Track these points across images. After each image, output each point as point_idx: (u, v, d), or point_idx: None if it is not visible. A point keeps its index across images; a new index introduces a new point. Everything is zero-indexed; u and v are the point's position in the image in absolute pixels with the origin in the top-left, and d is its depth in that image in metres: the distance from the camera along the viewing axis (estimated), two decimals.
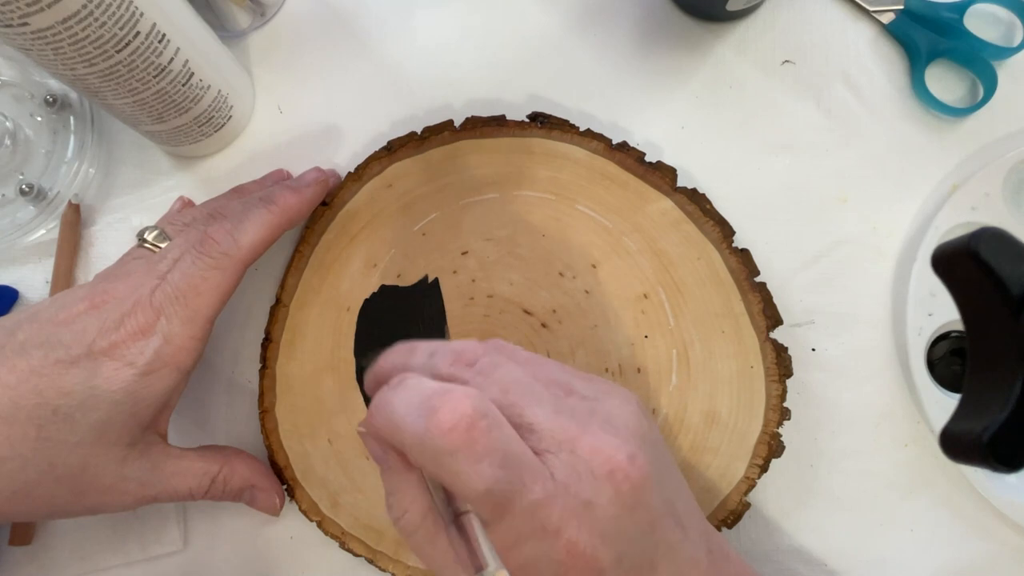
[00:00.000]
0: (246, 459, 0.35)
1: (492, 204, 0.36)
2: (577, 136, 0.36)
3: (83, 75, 0.31)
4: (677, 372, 0.35)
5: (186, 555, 0.37)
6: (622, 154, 0.35)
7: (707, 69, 0.39)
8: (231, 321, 0.38)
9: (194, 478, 0.32)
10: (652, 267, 0.35)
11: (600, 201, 0.36)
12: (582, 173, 0.36)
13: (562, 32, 0.40)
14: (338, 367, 0.36)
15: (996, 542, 0.35)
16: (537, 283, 0.36)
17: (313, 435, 0.36)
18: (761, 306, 0.34)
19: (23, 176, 0.40)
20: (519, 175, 0.36)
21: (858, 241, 0.37)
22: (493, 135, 0.36)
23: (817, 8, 0.39)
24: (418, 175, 0.37)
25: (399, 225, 0.37)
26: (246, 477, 0.34)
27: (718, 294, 0.35)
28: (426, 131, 0.36)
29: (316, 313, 0.36)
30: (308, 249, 0.37)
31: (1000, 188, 0.35)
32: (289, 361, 0.36)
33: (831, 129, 0.38)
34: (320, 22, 0.41)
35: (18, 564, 0.37)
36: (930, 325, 0.35)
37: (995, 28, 0.38)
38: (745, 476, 0.34)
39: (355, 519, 0.35)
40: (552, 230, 0.36)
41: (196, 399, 0.38)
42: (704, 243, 0.35)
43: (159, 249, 0.33)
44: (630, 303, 0.35)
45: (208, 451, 0.34)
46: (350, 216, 0.37)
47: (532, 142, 0.36)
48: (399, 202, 0.37)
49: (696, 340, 0.35)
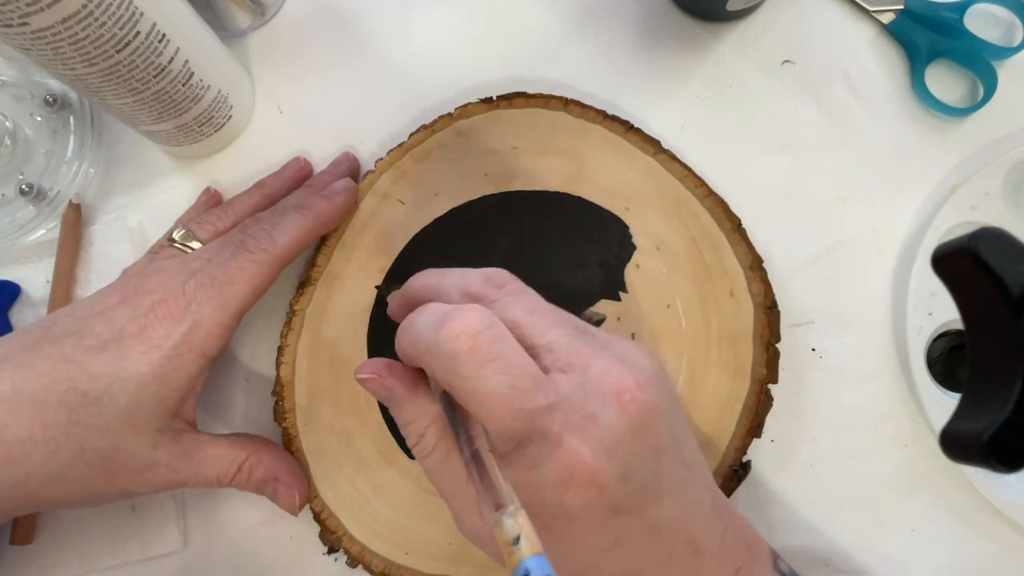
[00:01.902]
0: (273, 450, 0.35)
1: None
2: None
3: (83, 75, 0.31)
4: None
5: (186, 555, 0.37)
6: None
7: (707, 69, 0.39)
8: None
9: (222, 464, 0.33)
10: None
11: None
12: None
13: (562, 32, 0.40)
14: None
15: (996, 542, 0.35)
16: None
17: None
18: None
19: (23, 176, 0.40)
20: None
21: (858, 241, 0.37)
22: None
23: (817, 8, 0.39)
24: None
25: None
26: (271, 468, 0.34)
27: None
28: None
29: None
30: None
31: (1000, 188, 0.35)
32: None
33: (831, 129, 0.38)
34: (320, 22, 0.41)
35: (19, 563, 0.37)
36: (930, 325, 0.35)
37: (995, 28, 0.38)
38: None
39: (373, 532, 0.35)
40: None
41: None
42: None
43: (190, 249, 0.34)
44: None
45: (237, 439, 0.34)
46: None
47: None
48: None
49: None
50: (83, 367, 0.30)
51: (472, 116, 0.37)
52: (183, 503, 0.38)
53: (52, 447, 0.29)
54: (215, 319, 0.31)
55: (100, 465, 0.30)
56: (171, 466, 0.32)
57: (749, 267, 0.35)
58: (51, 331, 0.31)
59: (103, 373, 0.30)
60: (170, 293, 0.32)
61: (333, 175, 0.38)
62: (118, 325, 0.31)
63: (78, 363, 0.30)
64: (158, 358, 0.30)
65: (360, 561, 0.34)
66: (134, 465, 0.31)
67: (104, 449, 0.30)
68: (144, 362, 0.30)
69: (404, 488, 0.35)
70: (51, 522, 0.38)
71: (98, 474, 0.30)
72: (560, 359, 0.25)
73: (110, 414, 0.30)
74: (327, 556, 0.36)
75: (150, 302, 0.31)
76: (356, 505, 0.35)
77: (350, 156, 0.39)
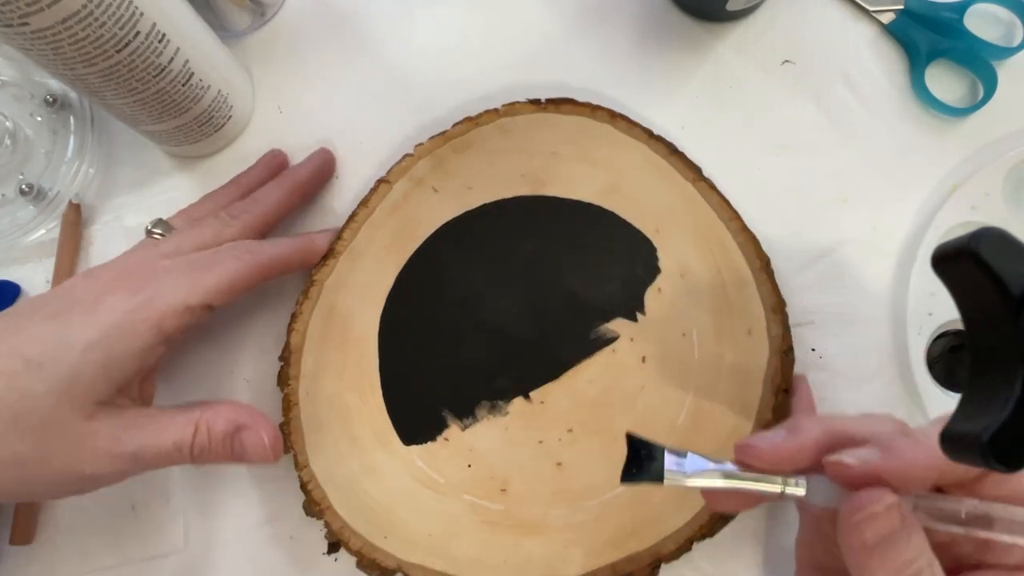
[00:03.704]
0: (230, 403, 0.32)
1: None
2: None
3: (83, 75, 0.31)
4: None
5: (186, 555, 0.37)
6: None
7: (707, 69, 0.39)
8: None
9: (176, 429, 0.31)
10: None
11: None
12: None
13: (562, 32, 0.40)
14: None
15: None
16: None
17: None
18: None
19: (23, 176, 0.40)
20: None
21: (858, 241, 0.37)
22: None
23: (817, 8, 0.39)
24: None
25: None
26: (230, 418, 0.31)
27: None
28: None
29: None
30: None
31: (1000, 188, 0.35)
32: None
33: (831, 129, 0.38)
34: (320, 22, 0.41)
35: (18, 563, 0.37)
36: (930, 324, 0.35)
37: (995, 28, 0.38)
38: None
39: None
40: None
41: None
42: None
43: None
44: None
45: (187, 404, 0.32)
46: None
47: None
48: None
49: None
50: (29, 333, 0.29)
51: (518, 115, 0.37)
52: (183, 503, 0.38)
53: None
54: (178, 296, 0.31)
55: (32, 437, 0.29)
56: (113, 436, 0.30)
57: (771, 309, 0.34)
58: (14, 309, 0.31)
59: (47, 337, 0.29)
60: (137, 268, 0.32)
61: (304, 168, 0.39)
62: (75, 297, 0.31)
63: (25, 331, 0.30)
64: (106, 323, 0.30)
65: (339, 537, 0.34)
66: (68, 437, 0.29)
67: (38, 419, 0.29)
68: (90, 327, 0.29)
69: (393, 473, 0.35)
70: (51, 522, 0.38)
71: (29, 448, 0.29)
72: None
73: (49, 380, 0.29)
74: (327, 556, 0.36)
75: (111, 275, 0.31)
76: (344, 482, 0.35)
77: (324, 150, 0.40)
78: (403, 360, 0.37)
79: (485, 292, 0.37)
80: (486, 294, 0.37)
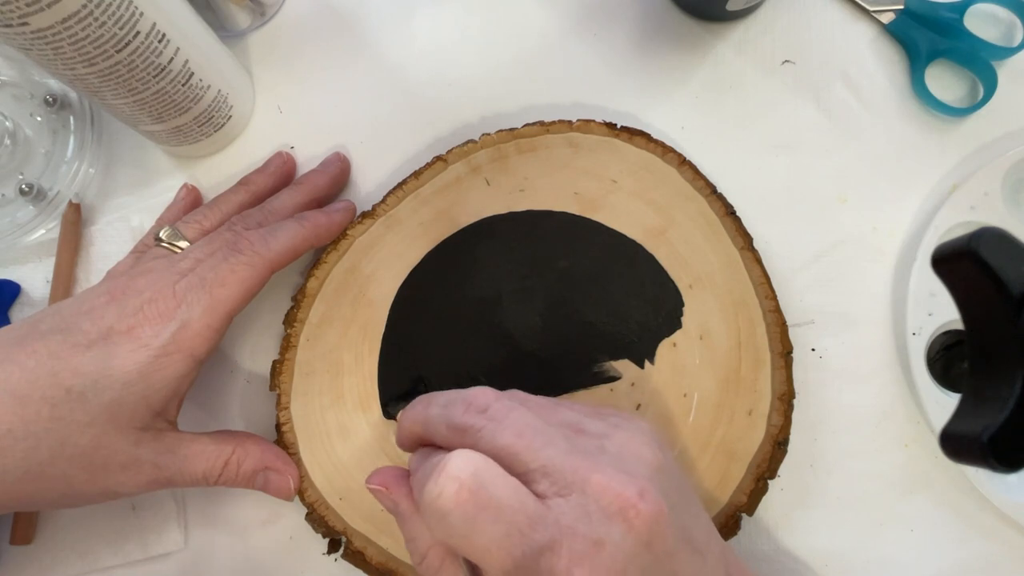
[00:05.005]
0: (259, 441, 0.35)
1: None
2: None
3: (83, 75, 0.31)
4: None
5: (186, 555, 0.37)
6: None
7: (707, 69, 0.39)
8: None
9: (208, 460, 0.33)
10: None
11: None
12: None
13: (562, 32, 0.40)
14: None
15: (996, 542, 0.35)
16: None
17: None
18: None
19: (23, 176, 0.40)
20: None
21: (858, 241, 0.37)
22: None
23: (817, 8, 0.39)
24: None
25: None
26: (259, 459, 0.34)
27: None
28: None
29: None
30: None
31: (999, 188, 0.35)
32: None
33: (831, 129, 0.38)
34: (320, 22, 0.41)
35: (19, 563, 0.38)
36: (930, 325, 0.35)
37: (995, 28, 0.38)
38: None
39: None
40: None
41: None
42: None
43: (179, 249, 0.34)
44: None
45: (221, 434, 0.34)
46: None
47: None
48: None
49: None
50: (68, 363, 0.30)
51: (589, 133, 0.36)
52: (183, 503, 0.38)
53: (32, 442, 0.29)
54: (204, 320, 0.31)
55: (81, 462, 0.30)
56: (155, 463, 0.31)
57: (779, 397, 0.34)
58: (38, 328, 0.31)
59: (89, 370, 0.30)
60: (160, 293, 0.31)
61: (323, 175, 0.38)
62: (106, 324, 0.31)
63: (63, 359, 0.30)
64: (146, 357, 0.30)
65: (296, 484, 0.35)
66: (116, 462, 0.31)
67: (85, 445, 0.30)
68: (131, 360, 0.30)
69: (365, 440, 0.36)
70: (51, 522, 0.38)
71: (78, 471, 0.30)
72: (556, 482, 0.24)
73: (93, 410, 0.30)
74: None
75: (139, 302, 0.31)
76: (316, 433, 0.36)
77: (341, 156, 0.39)
78: (408, 336, 0.37)
79: (506, 296, 0.36)
80: (506, 298, 0.36)
